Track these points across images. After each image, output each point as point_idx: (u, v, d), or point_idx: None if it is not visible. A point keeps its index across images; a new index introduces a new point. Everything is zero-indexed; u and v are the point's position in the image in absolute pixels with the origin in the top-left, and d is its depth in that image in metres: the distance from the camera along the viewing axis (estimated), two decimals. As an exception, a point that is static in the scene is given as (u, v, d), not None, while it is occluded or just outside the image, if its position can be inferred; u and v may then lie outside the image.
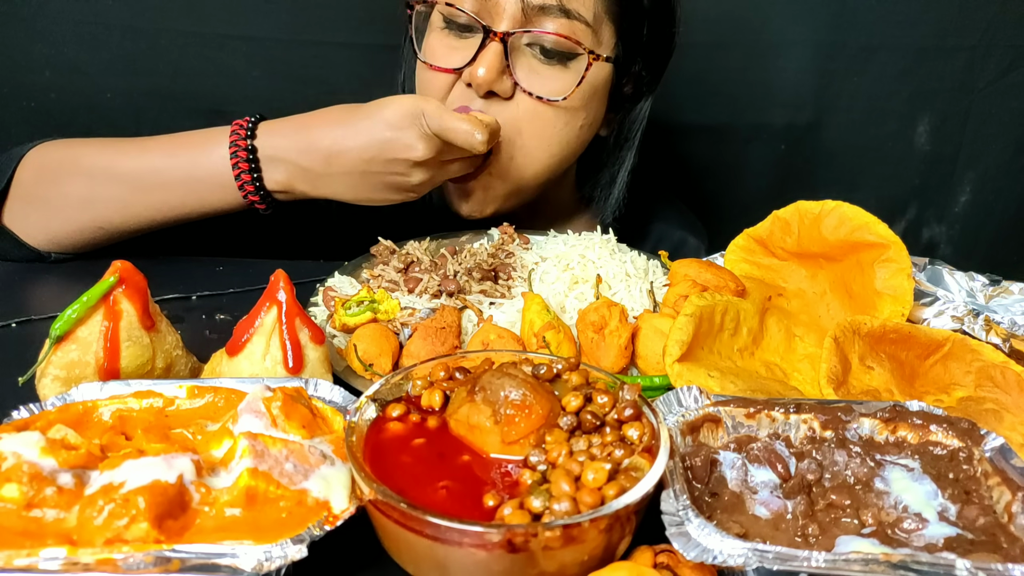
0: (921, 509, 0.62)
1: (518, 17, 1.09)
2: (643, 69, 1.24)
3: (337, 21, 1.70)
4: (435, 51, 1.16)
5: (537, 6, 1.08)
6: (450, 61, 1.14)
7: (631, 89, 1.26)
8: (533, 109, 1.14)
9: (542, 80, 1.12)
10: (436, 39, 1.16)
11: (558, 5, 1.08)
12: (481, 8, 1.10)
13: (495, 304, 0.99)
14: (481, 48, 1.10)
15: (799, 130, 1.97)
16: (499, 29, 1.09)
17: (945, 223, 2.10)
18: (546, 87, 1.12)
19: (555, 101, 1.13)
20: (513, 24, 1.09)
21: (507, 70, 1.11)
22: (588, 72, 1.12)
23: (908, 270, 0.96)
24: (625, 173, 1.31)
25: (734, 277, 1.00)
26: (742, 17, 1.85)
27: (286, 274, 0.80)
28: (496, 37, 1.08)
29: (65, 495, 0.58)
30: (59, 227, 1.13)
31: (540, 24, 1.09)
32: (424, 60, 1.17)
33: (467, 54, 1.11)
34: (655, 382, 0.86)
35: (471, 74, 1.10)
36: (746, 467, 0.67)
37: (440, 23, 1.15)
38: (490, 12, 1.10)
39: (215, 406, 0.73)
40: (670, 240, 1.49)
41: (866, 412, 0.71)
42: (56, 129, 1.67)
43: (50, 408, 0.70)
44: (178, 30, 1.66)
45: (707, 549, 0.55)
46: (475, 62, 1.10)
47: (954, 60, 1.89)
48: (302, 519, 0.59)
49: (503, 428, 0.65)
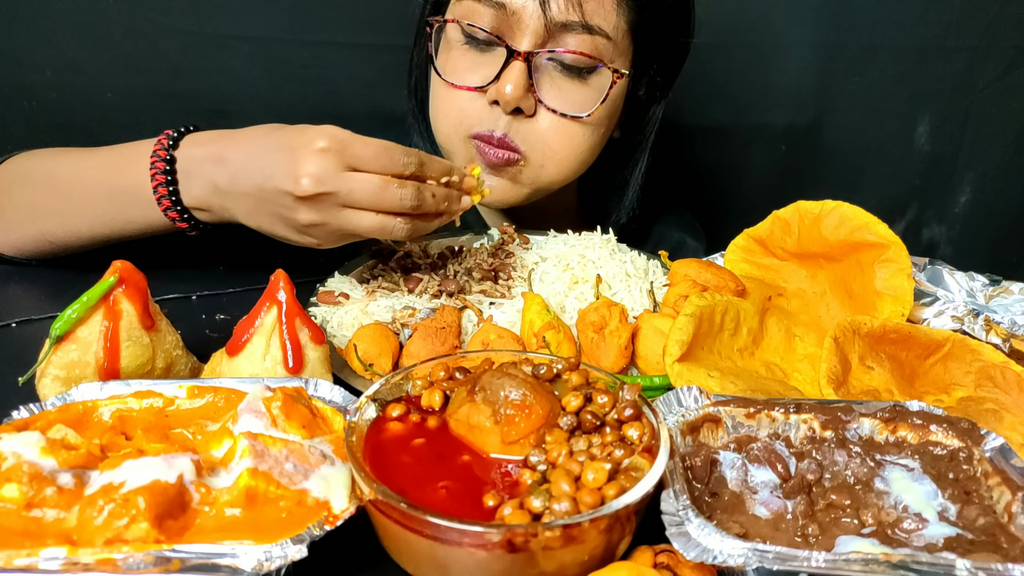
0: (921, 509, 0.62)
1: (540, 33, 1.08)
2: (657, 74, 1.24)
3: (337, 21, 1.70)
4: (456, 69, 1.14)
5: (560, 23, 1.07)
6: (472, 79, 1.13)
7: (644, 94, 1.26)
8: (558, 124, 1.14)
9: (564, 96, 1.13)
10: (457, 56, 1.14)
11: (580, 22, 1.07)
12: (502, 24, 1.09)
13: (495, 304, 0.99)
14: (505, 67, 1.09)
15: (800, 131, 1.97)
16: (521, 47, 1.08)
17: (945, 223, 2.10)
18: (568, 103, 1.13)
19: (579, 117, 1.14)
20: (535, 41, 1.09)
21: (531, 88, 1.11)
22: (612, 90, 1.13)
23: (908, 270, 0.96)
24: (639, 175, 1.32)
25: (734, 277, 1.00)
26: (743, 18, 1.85)
27: (286, 274, 0.80)
28: (520, 57, 1.08)
29: (65, 495, 0.58)
30: (16, 237, 1.09)
31: (562, 40, 1.09)
32: (445, 79, 1.15)
33: (489, 71, 1.11)
34: (655, 382, 0.86)
35: (498, 92, 1.10)
36: (746, 467, 0.67)
37: (459, 38, 1.14)
38: (512, 28, 1.09)
39: (215, 406, 0.73)
40: (669, 241, 1.50)
41: (866, 412, 0.71)
42: (56, 129, 1.68)
43: (50, 408, 0.70)
44: (178, 30, 1.66)
45: (707, 549, 0.55)
46: (500, 80, 1.10)
47: (954, 60, 1.89)
48: (302, 519, 0.59)
49: (503, 428, 0.65)
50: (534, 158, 1.17)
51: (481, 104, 1.14)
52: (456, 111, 1.16)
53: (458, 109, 1.16)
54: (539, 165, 1.18)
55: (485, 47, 1.12)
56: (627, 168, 1.32)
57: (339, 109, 1.73)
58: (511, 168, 1.17)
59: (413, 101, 1.33)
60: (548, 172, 1.19)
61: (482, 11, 1.09)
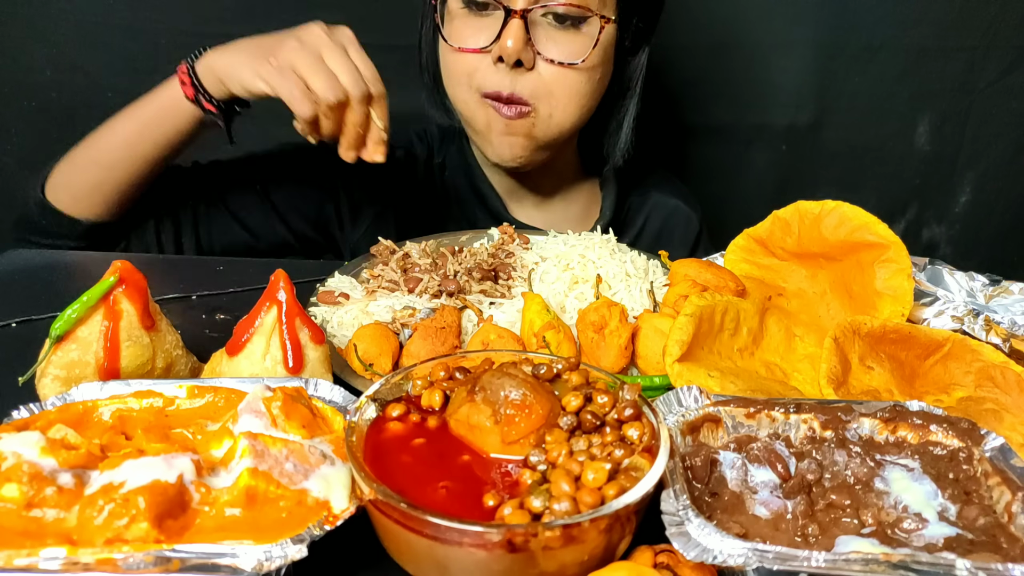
0: (921, 509, 0.62)
1: None
2: (640, 21, 1.33)
3: (337, 21, 1.69)
4: (461, 34, 1.26)
5: None
6: (476, 41, 1.24)
7: (630, 42, 1.35)
8: (557, 73, 1.25)
9: (559, 46, 1.24)
10: (460, 23, 1.26)
11: None
12: None
13: (495, 304, 0.99)
14: (504, 26, 1.20)
15: (800, 130, 1.97)
16: (517, 6, 1.20)
17: (945, 223, 2.10)
18: (564, 52, 1.24)
19: (575, 64, 1.24)
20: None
21: (529, 42, 1.22)
22: (601, 35, 1.24)
23: (908, 270, 0.96)
24: (631, 119, 1.42)
25: (734, 277, 1.00)
26: (743, 18, 1.85)
27: (286, 274, 0.80)
28: (517, 15, 1.19)
29: (65, 495, 0.58)
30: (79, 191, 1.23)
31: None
32: (452, 44, 1.27)
33: (490, 33, 1.22)
34: (655, 382, 0.86)
35: (500, 48, 1.21)
36: (746, 467, 0.67)
37: (459, 6, 1.26)
38: None
39: (215, 406, 0.73)
40: (665, 206, 1.59)
41: (866, 412, 0.71)
42: (56, 129, 1.68)
43: (50, 408, 0.70)
44: (178, 30, 1.66)
45: (707, 549, 0.55)
46: (501, 38, 1.21)
47: (954, 60, 1.89)
48: (302, 519, 0.59)
49: (503, 428, 0.65)
50: (542, 108, 1.28)
51: (487, 64, 1.25)
52: (465, 73, 1.28)
53: (467, 71, 1.27)
54: (548, 115, 1.29)
55: (484, 11, 1.24)
56: (619, 113, 1.43)
57: (339, 109, 1.73)
58: (525, 121, 1.28)
59: (427, 76, 1.43)
60: (556, 120, 1.30)
61: None
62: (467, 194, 1.48)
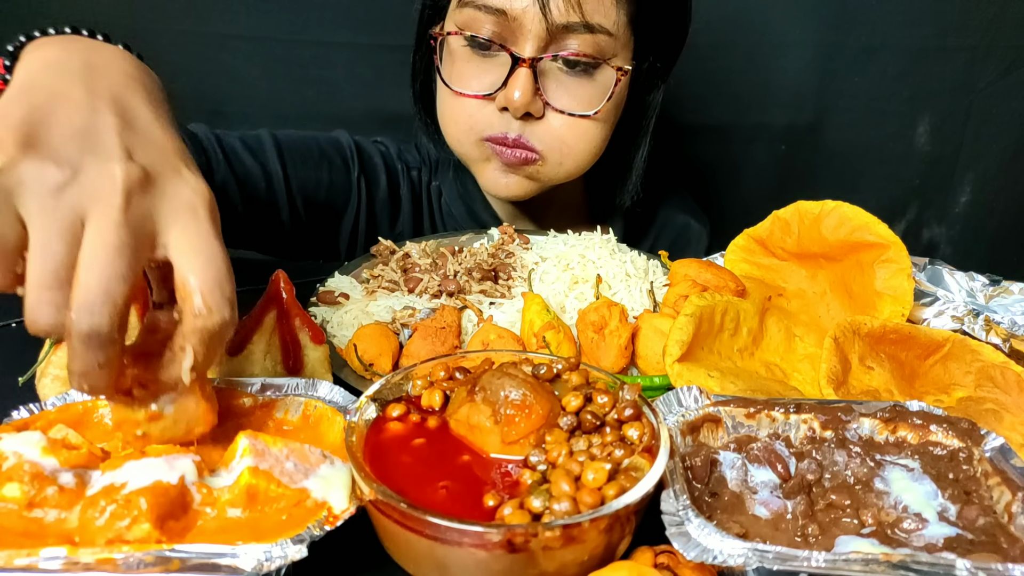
0: (921, 509, 0.62)
1: (543, 37, 1.08)
2: (657, 60, 1.25)
3: (337, 21, 1.70)
4: (462, 76, 1.15)
5: (561, 25, 1.07)
6: (479, 86, 1.14)
7: (645, 80, 1.27)
8: (569, 122, 1.16)
9: (571, 96, 1.14)
10: (462, 64, 1.15)
11: (581, 22, 1.07)
12: (504, 30, 1.09)
13: (495, 304, 0.99)
14: (511, 74, 1.10)
15: (799, 130, 1.97)
16: (525, 53, 1.09)
17: (945, 223, 2.10)
18: (576, 102, 1.15)
19: (587, 116, 1.15)
20: (538, 45, 1.09)
21: (538, 91, 1.12)
22: (617, 87, 1.15)
23: (908, 270, 0.96)
24: (641, 159, 1.34)
25: (734, 277, 1.00)
26: (743, 18, 1.85)
27: (286, 274, 0.80)
28: (525, 64, 1.09)
29: (66, 495, 0.58)
30: None
31: (564, 42, 1.10)
32: (452, 88, 1.16)
33: (494, 77, 1.12)
34: (655, 382, 0.86)
35: (507, 99, 1.11)
36: (746, 467, 0.67)
37: (462, 45, 1.14)
38: (514, 33, 1.09)
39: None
40: (674, 225, 1.53)
41: (866, 412, 0.71)
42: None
43: (50, 408, 0.70)
44: (178, 30, 1.66)
45: (707, 549, 0.55)
46: (507, 87, 1.11)
47: (954, 60, 1.89)
48: (302, 519, 0.59)
49: (503, 428, 0.65)
50: (552, 156, 1.19)
51: (490, 110, 1.15)
52: (465, 117, 1.17)
53: (467, 115, 1.17)
54: (558, 163, 1.20)
55: (488, 52, 1.13)
56: (630, 152, 1.34)
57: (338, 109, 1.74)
58: (529, 167, 1.20)
59: (419, 105, 1.34)
60: (567, 168, 1.21)
61: (483, 19, 1.09)
62: (465, 222, 1.40)
